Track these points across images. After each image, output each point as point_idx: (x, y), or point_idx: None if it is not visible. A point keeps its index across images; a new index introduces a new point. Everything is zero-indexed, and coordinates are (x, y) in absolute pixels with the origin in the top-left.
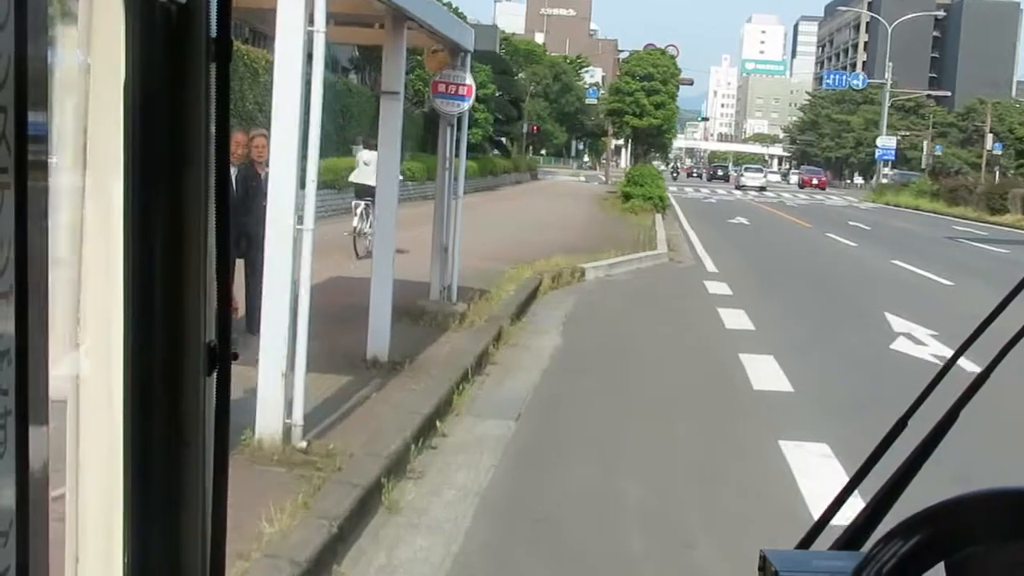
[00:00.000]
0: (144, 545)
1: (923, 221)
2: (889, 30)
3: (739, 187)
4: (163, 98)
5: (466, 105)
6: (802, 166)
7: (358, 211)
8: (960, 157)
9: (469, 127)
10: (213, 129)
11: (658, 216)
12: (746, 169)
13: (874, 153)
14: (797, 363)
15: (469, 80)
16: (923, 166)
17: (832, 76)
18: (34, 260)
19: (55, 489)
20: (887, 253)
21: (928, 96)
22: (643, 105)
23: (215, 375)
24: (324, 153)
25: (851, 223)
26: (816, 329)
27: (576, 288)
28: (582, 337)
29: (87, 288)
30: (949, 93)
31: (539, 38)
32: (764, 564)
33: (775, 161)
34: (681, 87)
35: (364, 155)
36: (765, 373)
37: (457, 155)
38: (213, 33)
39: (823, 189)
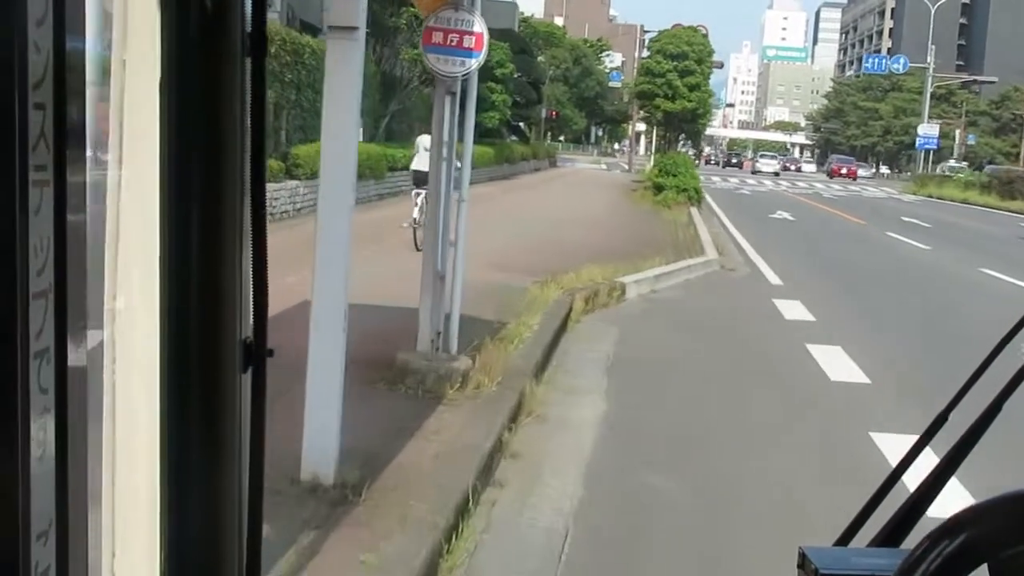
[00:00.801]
0: (181, 542)
1: (982, 217)
2: (932, 10)
3: (754, 172)
4: (198, 93)
5: (474, 63)
6: (830, 155)
7: (418, 200)
8: (993, 147)
9: (485, 109)
10: (249, 124)
11: (693, 210)
12: (761, 156)
13: (903, 141)
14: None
15: (479, 27)
16: (955, 155)
17: (871, 60)
18: (73, 258)
19: (93, 487)
20: (969, 259)
21: (975, 82)
22: (676, 87)
23: (250, 372)
24: (309, 136)
25: (905, 219)
26: (987, 392)
27: (616, 312)
28: (636, 403)
29: (122, 285)
30: (996, 79)
31: (558, 22)
32: (803, 561)
33: (796, 149)
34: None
35: (424, 140)
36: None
37: (462, 138)
38: (248, 28)
39: (853, 179)
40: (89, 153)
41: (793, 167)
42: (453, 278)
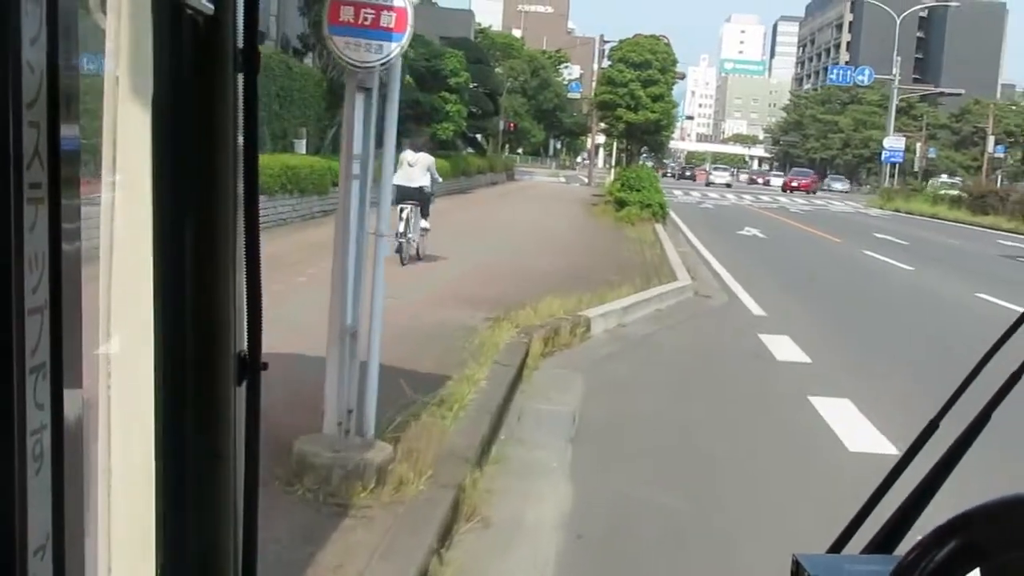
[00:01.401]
0: (177, 556)
1: (957, 233)
2: (898, 21)
3: (708, 183)
4: (191, 109)
5: (395, 49)
6: (787, 167)
7: (403, 215)
8: (954, 160)
9: (440, 120)
10: (241, 139)
11: (658, 227)
12: (714, 168)
13: (863, 154)
14: None
15: (400, 0)
16: (915, 169)
17: (836, 71)
18: (68, 275)
19: (89, 501)
20: (959, 281)
21: (942, 94)
22: (639, 97)
23: (245, 385)
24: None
25: (880, 235)
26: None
27: (581, 354)
28: (611, 491)
29: (117, 300)
30: (963, 91)
31: (516, 34)
32: (797, 569)
33: (756, 162)
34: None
35: (408, 155)
36: None
37: (381, 145)
38: (240, 44)
39: (808, 192)
40: (83, 170)
41: (761, 180)
42: (370, 334)
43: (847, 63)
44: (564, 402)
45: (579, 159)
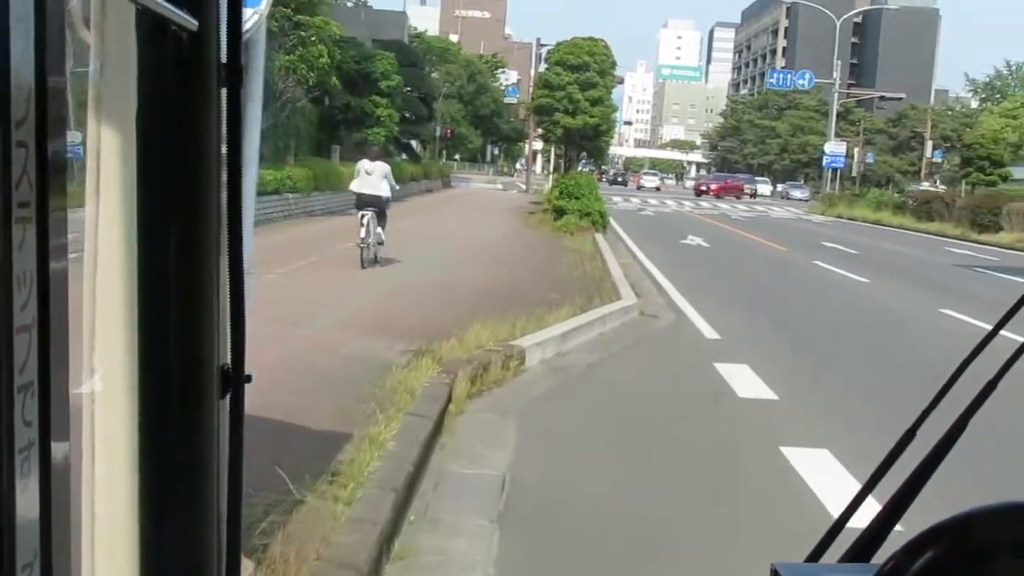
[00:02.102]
0: (161, 569)
1: (904, 240)
2: (838, 24)
3: (639, 187)
4: (175, 124)
5: (251, 16)
6: (713, 172)
7: (364, 221)
8: (891, 165)
9: (370, 125)
10: (225, 152)
11: (599, 236)
12: (645, 173)
13: (800, 159)
14: None
15: None
16: (853, 174)
17: (776, 75)
18: (56, 293)
19: (76, 517)
20: (918, 296)
21: (883, 98)
22: (577, 101)
23: (228, 398)
24: None
25: (827, 244)
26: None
27: (514, 392)
28: None
29: (102, 314)
30: (903, 96)
31: (453, 39)
32: None
33: (693, 167)
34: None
35: (365, 164)
36: None
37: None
38: (224, 58)
39: (719, 196)
40: (69, 186)
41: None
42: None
43: (783, 68)
44: (492, 462)
45: (518, 165)
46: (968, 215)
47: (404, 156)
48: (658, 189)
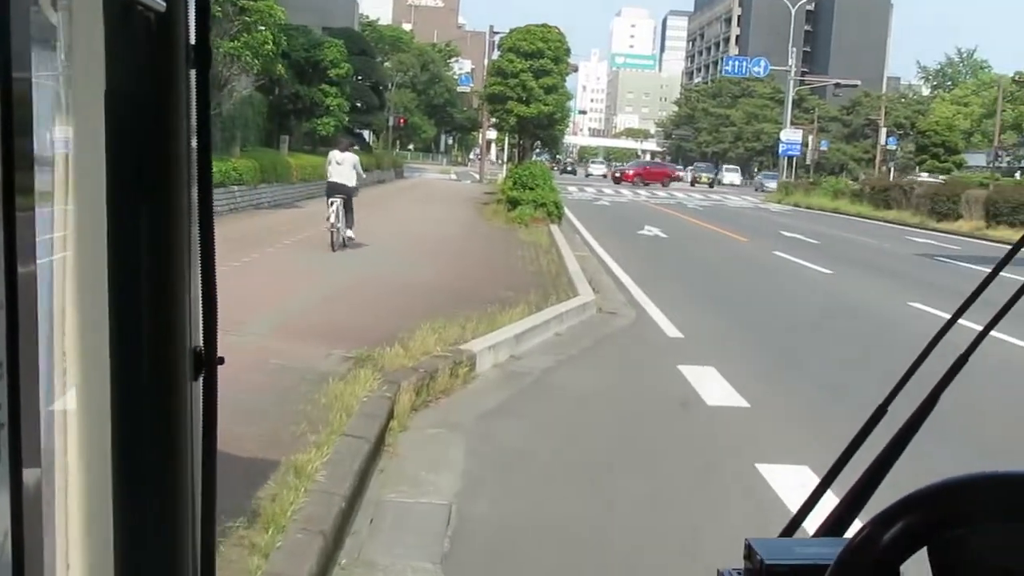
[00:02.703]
0: (135, 551)
1: (864, 229)
2: (793, 11)
3: (587, 175)
4: (144, 106)
5: None
6: (679, 161)
7: (333, 207)
8: (845, 152)
9: (319, 115)
10: (195, 135)
11: (554, 228)
12: (592, 162)
13: (755, 147)
14: None
15: None
16: (807, 162)
17: (732, 62)
18: (24, 276)
19: (48, 498)
20: (885, 288)
21: (838, 85)
22: (531, 88)
23: (201, 379)
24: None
25: (787, 233)
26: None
27: (463, 403)
28: None
29: (72, 296)
30: (859, 82)
31: (406, 28)
32: (749, 552)
33: (648, 156)
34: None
35: (336, 155)
36: None
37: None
38: (192, 40)
39: (663, 185)
40: (37, 168)
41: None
42: None
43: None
44: (437, 489)
45: (472, 155)
46: (927, 203)
47: (355, 146)
48: (604, 176)
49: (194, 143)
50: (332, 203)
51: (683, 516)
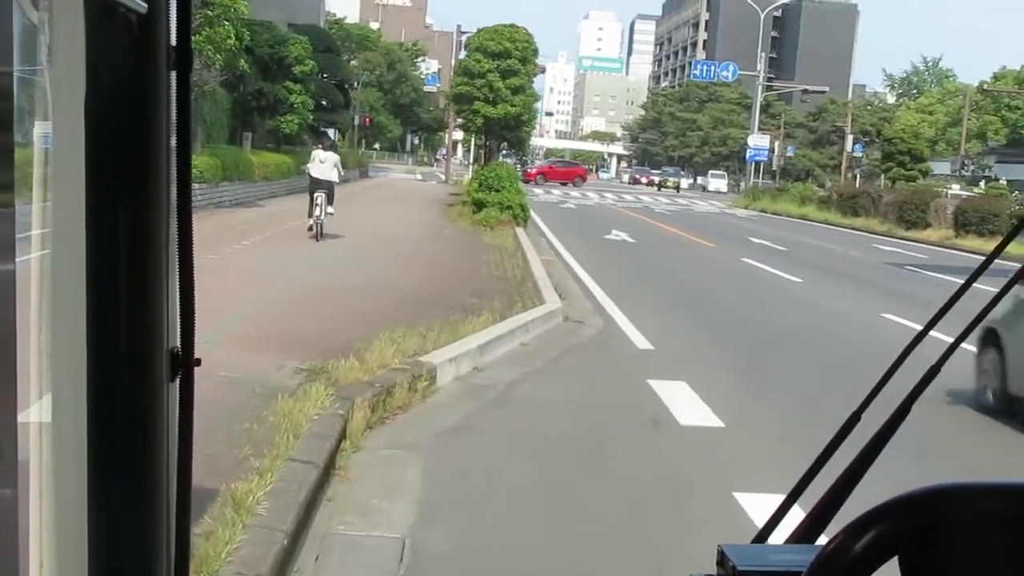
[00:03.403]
0: (110, 554)
1: (832, 237)
2: (762, 16)
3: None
4: (124, 107)
5: None
6: (647, 164)
7: (318, 200)
8: (811, 158)
9: (283, 112)
10: (175, 136)
11: (520, 231)
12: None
13: (721, 152)
14: None
15: None
16: (774, 167)
17: (700, 66)
18: (1, 275)
19: (22, 499)
20: (856, 297)
21: (806, 91)
22: (498, 89)
23: (178, 381)
24: None
25: (755, 240)
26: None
27: (422, 421)
28: None
29: (50, 297)
30: (827, 88)
31: (374, 27)
32: (722, 559)
33: (614, 159)
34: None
35: (319, 154)
36: None
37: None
38: (173, 42)
39: (573, 184)
40: (16, 168)
41: (644, 179)
42: None
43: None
44: (390, 519)
45: (438, 155)
46: (895, 211)
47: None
48: None
49: (174, 144)
50: (317, 197)
51: (658, 554)
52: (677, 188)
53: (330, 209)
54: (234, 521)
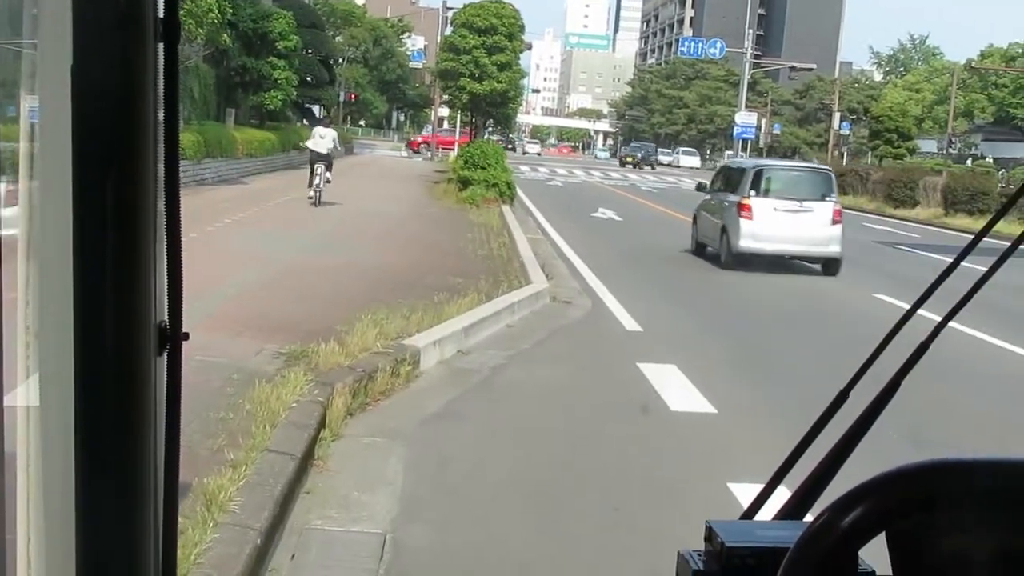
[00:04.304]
0: (96, 530)
1: None
2: None
3: (524, 153)
4: (111, 80)
5: None
6: (632, 142)
7: (317, 171)
8: (798, 136)
9: (267, 89)
10: (162, 109)
11: (506, 209)
12: (528, 142)
13: (708, 129)
14: None
15: None
16: (760, 145)
17: (688, 43)
18: None
19: (8, 476)
20: (847, 277)
21: (794, 68)
22: (484, 65)
23: (165, 356)
24: None
25: None
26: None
27: (404, 408)
28: None
29: (34, 269)
30: (814, 66)
31: (359, 3)
32: (710, 535)
33: (600, 136)
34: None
35: (320, 130)
36: None
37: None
38: (160, 13)
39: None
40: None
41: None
42: None
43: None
44: (371, 513)
45: (424, 132)
46: (883, 189)
47: (304, 121)
48: (539, 154)
49: (161, 118)
50: (317, 168)
51: (649, 549)
52: (635, 165)
53: (328, 176)
54: (205, 519)
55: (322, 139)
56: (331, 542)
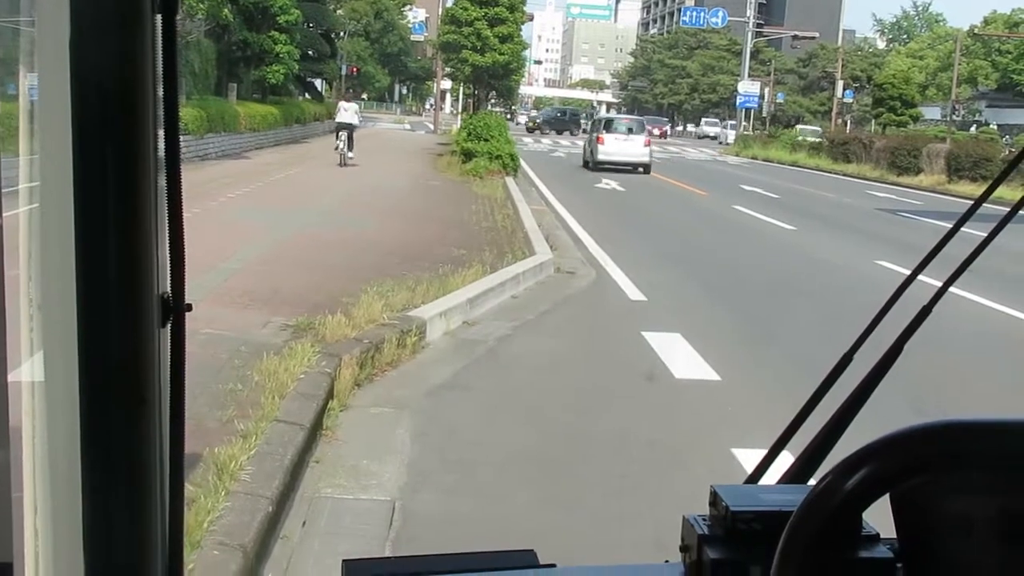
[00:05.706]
0: (102, 504)
1: (824, 184)
2: None
3: (516, 123)
4: (109, 52)
5: None
6: (635, 112)
7: (341, 137)
8: (801, 105)
9: (269, 63)
10: (161, 81)
11: (509, 181)
12: (520, 112)
13: (711, 99)
14: None
15: None
16: (764, 114)
17: (690, 13)
18: None
19: (13, 452)
20: (849, 244)
21: (797, 37)
22: (485, 37)
23: (169, 327)
24: None
25: (746, 187)
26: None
27: (411, 378)
28: None
29: (36, 243)
30: (817, 34)
31: None
32: (715, 499)
33: (604, 107)
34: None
35: (343, 104)
36: None
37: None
38: None
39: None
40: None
41: (657, 130)
42: None
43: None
44: (380, 481)
45: (426, 105)
46: (887, 157)
47: (306, 95)
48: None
49: (160, 90)
50: (341, 135)
51: (655, 514)
52: (537, 129)
53: (350, 152)
54: (217, 488)
55: (345, 111)
56: (341, 510)
